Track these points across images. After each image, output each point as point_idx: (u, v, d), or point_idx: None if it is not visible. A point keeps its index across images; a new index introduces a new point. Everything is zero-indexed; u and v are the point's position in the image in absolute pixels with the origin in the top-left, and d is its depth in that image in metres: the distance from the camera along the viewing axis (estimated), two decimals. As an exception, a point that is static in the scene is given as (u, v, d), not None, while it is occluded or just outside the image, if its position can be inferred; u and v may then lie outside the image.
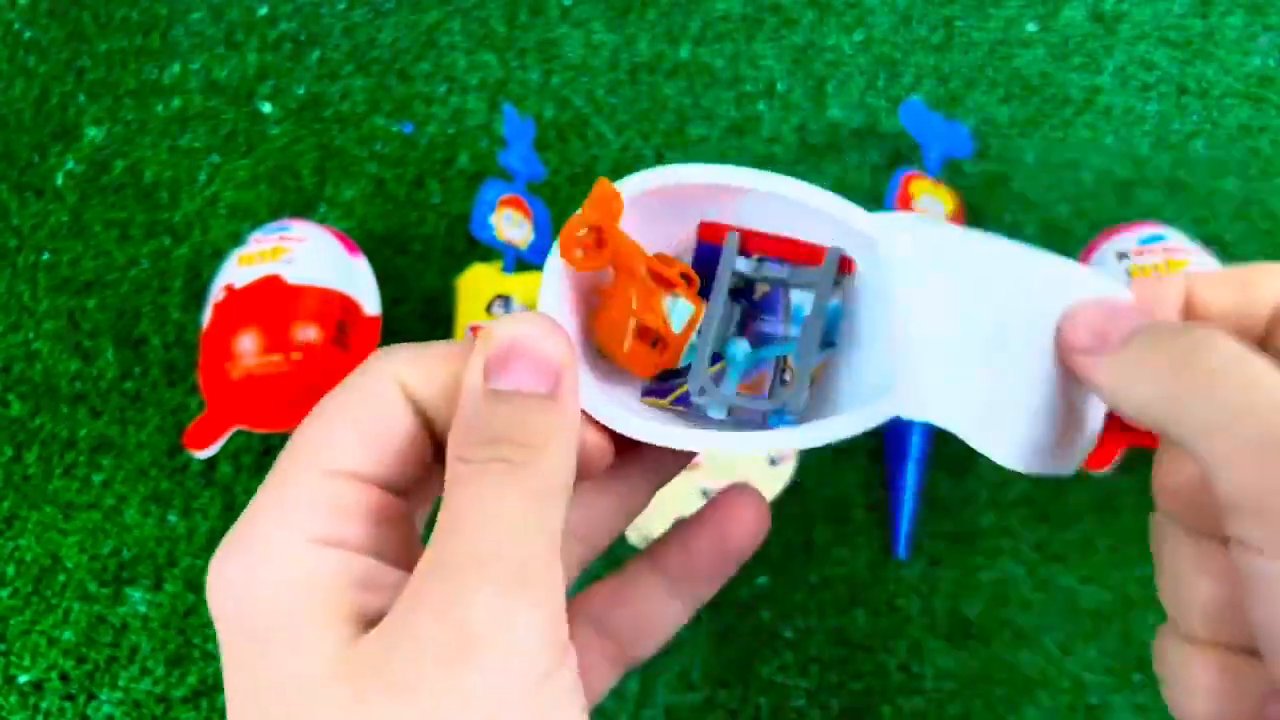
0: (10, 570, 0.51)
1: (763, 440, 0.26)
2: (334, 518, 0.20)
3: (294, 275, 0.50)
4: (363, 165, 0.60)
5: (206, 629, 0.49)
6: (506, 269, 0.53)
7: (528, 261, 0.54)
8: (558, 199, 0.58)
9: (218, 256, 0.57)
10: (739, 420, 0.27)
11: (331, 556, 0.20)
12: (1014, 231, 0.56)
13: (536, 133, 0.59)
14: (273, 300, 0.49)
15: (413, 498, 0.23)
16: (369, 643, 0.19)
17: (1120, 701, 0.45)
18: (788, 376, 0.27)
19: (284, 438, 0.52)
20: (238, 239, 0.58)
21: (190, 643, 0.49)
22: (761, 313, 0.28)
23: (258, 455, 0.53)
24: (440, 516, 0.20)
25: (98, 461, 0.53)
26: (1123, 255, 0.49)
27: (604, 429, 0.23)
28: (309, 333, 0.49)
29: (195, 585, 0.50)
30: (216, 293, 0.51)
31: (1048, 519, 0.49)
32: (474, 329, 0.51)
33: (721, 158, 0.59)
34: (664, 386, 0.28)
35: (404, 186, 0.60)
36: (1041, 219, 0.57)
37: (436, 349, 0.22)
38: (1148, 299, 0.24)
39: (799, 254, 0.27)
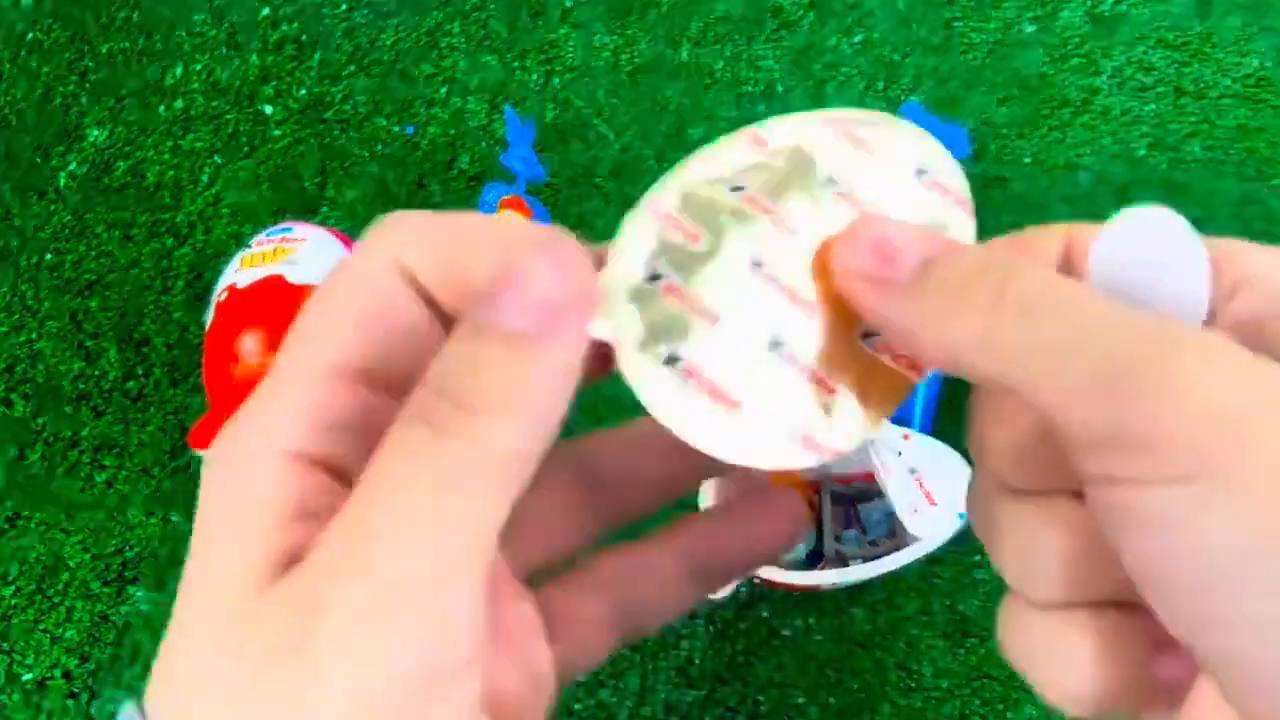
0: (14, 569, 0.51)
1: (886, 564, 0.45)
2: (319, 429, 0.18)
3: (296, 275, 0.50)
4: (364, 166, 0.61)
5: (209, 627, 0.49)
6: (507, 269, 0.53)
7: (528, 262, 0.54)
8: (559, 200, 0.59)
9: (220, 257, 0.58)
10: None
11: (294, 481, 0.18)
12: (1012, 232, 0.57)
13: (537, 134, 0.60)
14: (275, 300, 0.49)
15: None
16: (265, 603, 0.17)
17: (1117, 699, 0.46)
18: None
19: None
20: (240, 240, 0.58)
21: (193, 641, 0.49)
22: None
23: (260, 455, 0.53)
24: (365, 470, 0.17)
25: (100, 461, 0.54)
26: (1120, 256, 0.49)
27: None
28: (311, 333, 0.49)
29: (198, 584, 0.50)
30: (219, 293, 0.51)
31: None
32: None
33: (721, 159, 0.59)
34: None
35: (405, 187, 0.60)
36: (1039, 220, 0.57)
37: (440, 225, 0.19)
38: (1018, 246, 0.21)
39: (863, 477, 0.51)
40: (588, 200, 0.59)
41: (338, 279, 0.19)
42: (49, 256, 0.59)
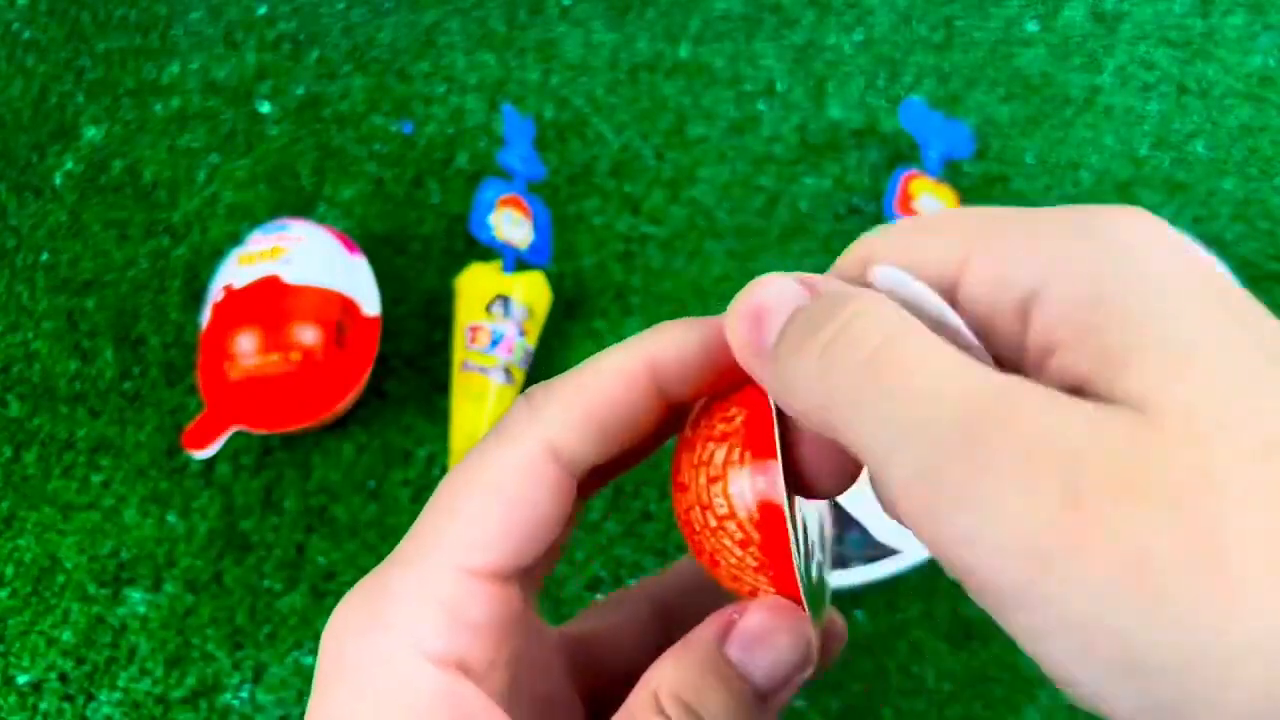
0: (9, 571, 0.51)
1: (888, 566, 0.46)
2: (459, 632, 0.18)
3: (292, 275, 0.50)
4: (362, 165, 0.60)
5: (205, 629, 0.49)
6: (506, 269, 0.53)
7: (527, 261, 0.53)
8: (558, 198, 0.58)
9: (216, 256, 0.57)
10: None
11: (443, 689, 0.18)
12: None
13: (536, 132, 0.59)
14: (271, 300, 0.49)
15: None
16: None
17: (1121, 702, 0.45)
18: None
19: (283, 439, 0.52)
20: (236, 239, 0.57)
21: (189, 643, 0.49)
22: None
23: (257, 456, 0.53)
24: None
25: (97, 462, 0.53)
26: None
27: None
28: (308, 333, 0.49)
29: (194, 586, 0.50)
30: (215, 293, 0.51)
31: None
32: (473, 329, 0.51)
33: (721, 157, 0.59)
34: None
35: (403, 186, 0.60)
36: (1042, 219, 0.57)
37: (587, 394, 0.19)
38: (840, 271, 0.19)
39: None
40: (586, 199, 0.58)
41: (482, 466, 0.19)
42: (45, 256, 0.59)
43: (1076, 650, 0.14)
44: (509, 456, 0.19)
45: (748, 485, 0.19)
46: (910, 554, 0.46)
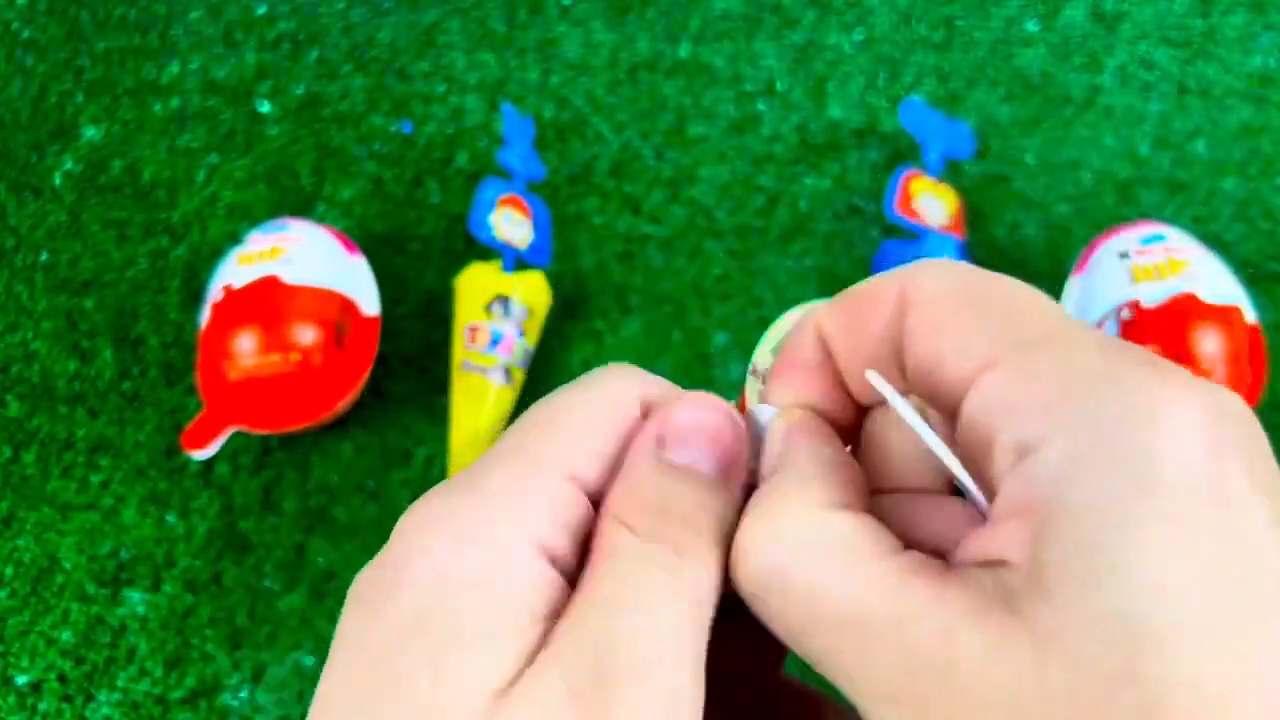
0: (9, 571, 0.51)
1: None
2: (560, 529, 0.19)
3: (291, 276, 0.50)
4: (361, 165, 0.60)
5: (205, 630, 0.49)
6: (506, 268, 0.52)
7: (527, 261, 0.53)
8: (558, 198, 0.58)
9: (216, 256, 0.57)
10: None
11: (540, 574, 0.18)
12: (1014, 231, 0.56)
13: (536, 132, 0.59)
14: (270, 301, 0.49)
15: None
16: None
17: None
18: None
19: (282, 439, 0.52)
20: (236, 238, 0.57)
21: (189, 644, 0.49)
22: None
23: (256, 456, 0.53)
24: (595, 580, 0.18)
25: (96, 462, 0.53)
26: (1124, 255, 0.49)
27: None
28: (307, 333, 0.49)
29: (193, 586, 0.50)
30: (215, 293, 0.51)
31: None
32: (472, 329, 0.51)
33: (721, 157, 0.59)
34: None
35: (403, 186, 0.60)
36: (1042, 219, 0.57)
37: (668, 386, 0.21)
38: (789, 356, 0.21)
39: None
40: (586, 199, 0.58)
41: (585, 395, 0.21)
42: (44, 256, 0.59)
43: None
44: (600, 390, 0.21)
45: None
46: None
